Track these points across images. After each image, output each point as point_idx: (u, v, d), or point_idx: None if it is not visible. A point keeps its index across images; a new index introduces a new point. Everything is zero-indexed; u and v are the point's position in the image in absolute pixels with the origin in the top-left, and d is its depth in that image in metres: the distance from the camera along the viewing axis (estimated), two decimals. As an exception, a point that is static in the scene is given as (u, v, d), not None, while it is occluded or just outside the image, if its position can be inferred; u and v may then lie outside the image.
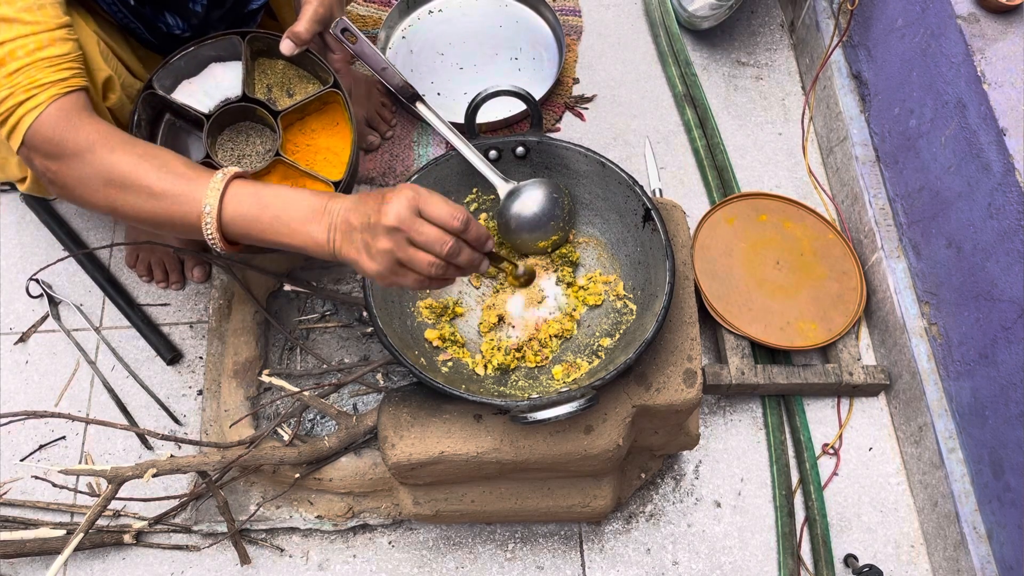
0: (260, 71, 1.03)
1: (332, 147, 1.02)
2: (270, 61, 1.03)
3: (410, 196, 0.74)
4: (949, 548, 1.11)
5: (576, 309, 1.03)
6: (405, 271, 0.77)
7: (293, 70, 1.04)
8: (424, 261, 0.75)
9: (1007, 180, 0.99)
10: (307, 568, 1.13)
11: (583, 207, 1.06)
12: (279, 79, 1.03)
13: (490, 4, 1.57)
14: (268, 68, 1.03)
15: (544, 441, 0.93)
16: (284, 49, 0.96)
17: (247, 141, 1.02)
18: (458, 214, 0.75)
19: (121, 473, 0.96)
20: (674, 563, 1.14)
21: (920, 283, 1.20)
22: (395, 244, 0.75)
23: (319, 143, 1.03)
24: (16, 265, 1.33)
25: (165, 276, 1.30)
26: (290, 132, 1.03)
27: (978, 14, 1.06)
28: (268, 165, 0.98)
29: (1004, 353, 1.02)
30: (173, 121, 1.02)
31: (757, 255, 1.28)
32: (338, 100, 1.01)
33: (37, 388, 1.24)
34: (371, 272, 0.77)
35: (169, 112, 1.01)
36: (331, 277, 1.21)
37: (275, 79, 1.03)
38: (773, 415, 1.23)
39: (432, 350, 0.99)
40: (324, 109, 1.04)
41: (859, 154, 1.32)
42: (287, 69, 1.04)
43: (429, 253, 0.75)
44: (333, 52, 1.00)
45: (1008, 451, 1.02)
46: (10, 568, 1.12)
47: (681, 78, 1.50)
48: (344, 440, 1.03)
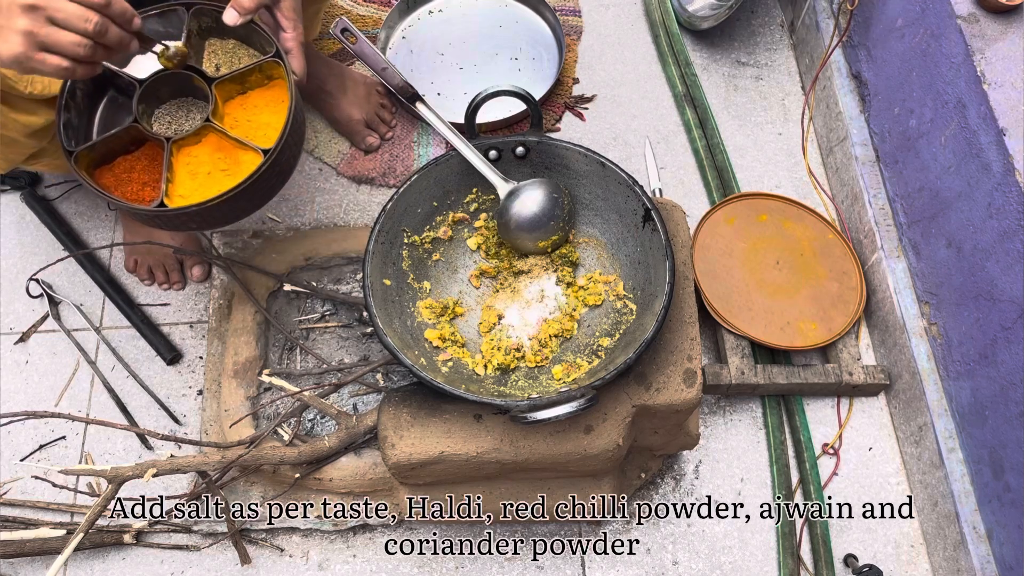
0: (211, 50, 1.00)
1: (274, 123, 0.98)
2: (221, 41, 1.00)
3: None
4: (949, 548, 1.11)
5: (576, 309, 1.03)
6: (47, 55, 0.73)
7: (244, 49, 1.01)
8: (68, 40, 0.73)
9: (1007, 180, 0.99)
10: (307, 568, 1.13)
11: (583, 207, 1.06)
12: (228, 58, 1.00)
13: (490, 4, 1.57)
14: (219, 48, 1.01)
15: (544, 441, 0.93)
16: (227, 19, 0.91)
17: (186, 116, 0.99)
18: None
19: (121, 473, 0.96)
20: (674, 563, 1.14)
21: (920, 283, 1.20)
22: (33, 23, 0.71)
23: (260, 119, 0.99)
24: (16, 265, 1.33)
25: (166, 277, 1.30)
26: (230, 106, 1.00)
27: (978, 14, 1.06)
28: (199, 132, 0.95)
29: (1004, 353, 1.02)
30: (115, 97, 1.00)
31: (757, 255, 1.28)
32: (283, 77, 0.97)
33: (37, 388, 1.24)
34: (8, 57, 0.73)
35: (113, 88, 0.99)
36: (331, 277, 1.21)
37: (224, 58, 1.00)
38: (773, 415, 1.23)
39: (432, 350, 0.99)
40: (269, 86, 1.00)
41: (859, 154, 1.32)
42: (237, 48, 1.01)
43: (73, 32, 0.73)
44: (285, 31, 0.95)
45: (1008, 451, 1.02)
46: (10, 568, 1.12)
47: (681, 78, 1.50)
48: (344, 440, 1.03)
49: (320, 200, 1.39)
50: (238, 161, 0.94)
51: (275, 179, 0.95)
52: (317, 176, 1.41)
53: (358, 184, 1.41)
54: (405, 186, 1.01)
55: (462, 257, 1.08)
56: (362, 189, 1.40)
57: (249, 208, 0.96)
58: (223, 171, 0.94)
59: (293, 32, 0.94)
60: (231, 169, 0.94)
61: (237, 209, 0.94)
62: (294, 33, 0.94)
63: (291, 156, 0.96)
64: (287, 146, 0.93)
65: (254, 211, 0.98)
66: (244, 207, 0.95)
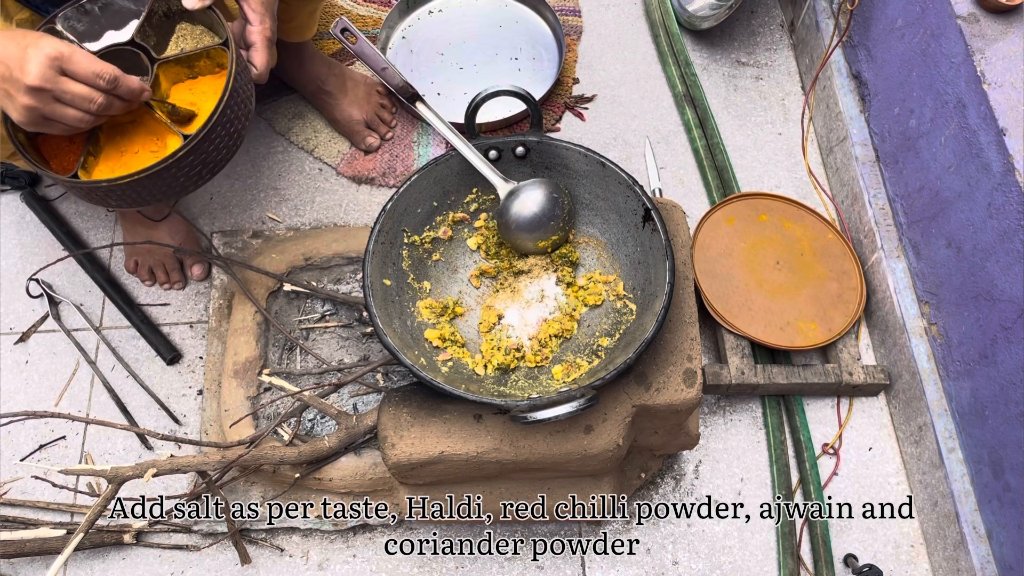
0: (180, 34, 0.99)
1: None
2: (191, 26, 0.99)
3: (51, 55, 0.73)
4: (949, 548, 1.11)
5: (576, 309, 1.03)
6: (52, 123, 0.77)
7: (210, 36, 0.99)
8: (73, 117, 0.75)
9: (1007, 180, 0.99)
10: (307, 568, 1.13)
11: (583, 207, 1.06)
12: (194, 43, 0.98)
13: (490, 4, 1.57)
14: (188, 32, 0.99)
15: (544, 441, 0.93)
16: (187, 3, 0.90)
17: None
18: (104, 73, 0.74)
19: (121, 473, 0.96)
20: (674, 563, 1.14)
21: (920, 283, 1.20)
22: (39, 102, 0.74)
23: (205, 105, 0.96)
24: (16, 265, 1.33)
25: (166, 276, 1.30)
26: (177, 89, 0.98)
27: (978, 14, 1.06)
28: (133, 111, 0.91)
29: (1004, 353, 1.02)
30: None
31: (757, 255, 1.28)
32: None
33: (37, 388, 1.24)
34: (17, 120, 0.77)
35: None
36: (331, 277, 1.21)
37: (191, 43, 0.98)
38: (773, 415, 1.23)
39: (432, 350, 0.99)
40: (220, 74, 0.98)
41: (859, 154, 1.32)
42: (204, 35, 0.99)
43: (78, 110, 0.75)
44: (251, 24, 0.93)
45: (1008, 451, 1.02)
46: (10, 568, 1.12)
47: (681, 78, 1.51)
48: (344, 440, 1.03)
49: (320, 200, 1.39)
50: (167, 145, 0.92)
51: (200, 167, 0.91)
52: (317, 176, 1.41)
53: (358, 184, 1.41)
54: (405, 186, 1.01)
55: (462, 257, 1.08)
56: (362, 189, 1.40)
57: (172, 192, 0.92)
58: (152, 152, 0.93)
59: (259, 26, 0.92)
60: (160, 152, 0.92)
61: (156, 191, 0.91)
62: (260, 27, 0.92)
63: (223, 147, 0.92)
64: (215, 135, 0.89)
65: (182, 195, 0.94)
66: (164, 191, 0.91)
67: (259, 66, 0.93)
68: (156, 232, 1.26)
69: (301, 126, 1.44)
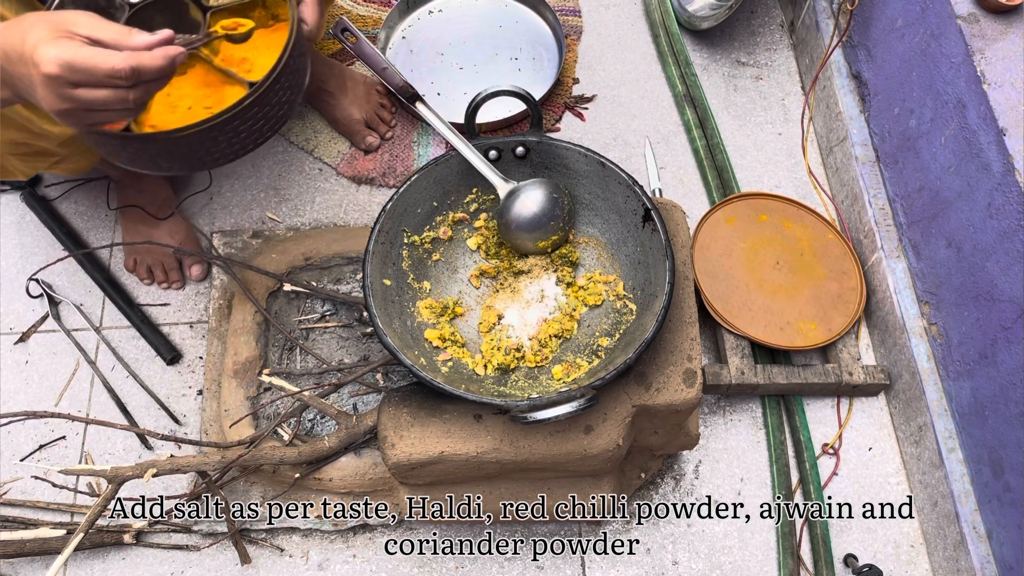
0: None
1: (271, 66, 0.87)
2: None
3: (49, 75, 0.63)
4: (949, 548, 1.11)
5: (576, 309, 1.03)
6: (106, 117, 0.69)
7: None
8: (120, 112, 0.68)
9: (1007, 180, 0.99)
10: (307, 568, 1.13)
11: (583, 207, 1.06)
12: None
13: (490, 4, 1.57)
14: None
15: (544, 441, 0.93)
16: None
17: None
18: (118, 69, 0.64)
19: (121, 473, 0.96)
20: (674, 563, 1.14)
21: (920, 283, 1.20)
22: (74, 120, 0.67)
23: (259, 60, 0.89)
24: (16, 265, 1.33)
25: (165, 276, 1.30)
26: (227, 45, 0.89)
27: (978, 14, 1.06)
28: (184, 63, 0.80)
29: (1004, 353, 1.02)
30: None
31: (757, 255, 1.28)
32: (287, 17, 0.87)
33: (37, 388, 1.24)
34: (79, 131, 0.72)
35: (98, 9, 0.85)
36: (331, 277, 1.21)
37: None
38: (773, 415, 1.23)
39: (432, 350, 0.99)
40: (274, 27, 0.91)
41: (859, 154, 1.32)
42: None
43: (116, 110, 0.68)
44: None
45: (1008, 451, 1.02)
46: (10, 568, 1.12)
47: (681, 78, 1.51)
48: (344, 440, 1.03)
49: (320, 200, 1.39)
50: (224, 99, 0.84)
51: (262, 122, 0.84)
52: (317, 176, 1.41)
53: (358, 184, 1.41)
54: (405, 186, 1.01)
55: (462, 257, 1.08)
56: (362, 189, 1.40)
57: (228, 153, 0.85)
58: (206, 108, 0.84)
59: None
60: (215, 107, 0.83)
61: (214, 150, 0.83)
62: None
63: (285, 100, 0.85)
64: (279, 86, 0.82)
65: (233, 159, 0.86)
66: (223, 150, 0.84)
67: (310, 21, 0.86)
68: (156, 232, 1.26)
69: (301, 126, 1.44)
